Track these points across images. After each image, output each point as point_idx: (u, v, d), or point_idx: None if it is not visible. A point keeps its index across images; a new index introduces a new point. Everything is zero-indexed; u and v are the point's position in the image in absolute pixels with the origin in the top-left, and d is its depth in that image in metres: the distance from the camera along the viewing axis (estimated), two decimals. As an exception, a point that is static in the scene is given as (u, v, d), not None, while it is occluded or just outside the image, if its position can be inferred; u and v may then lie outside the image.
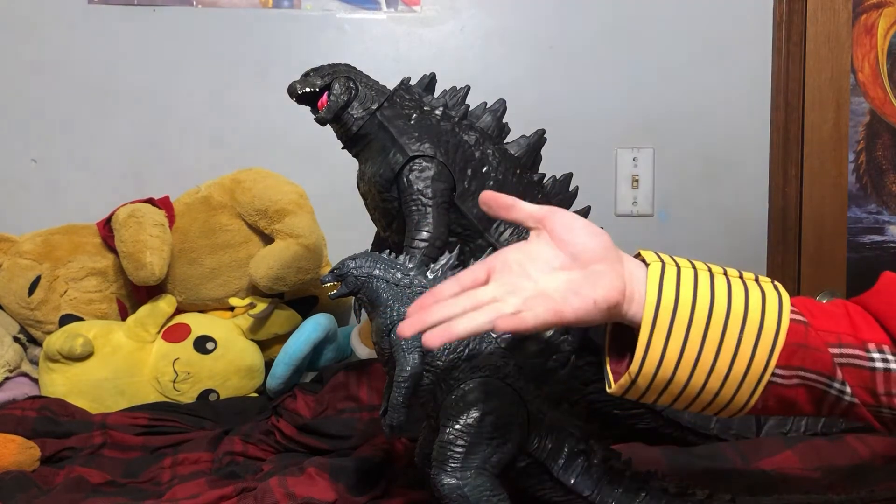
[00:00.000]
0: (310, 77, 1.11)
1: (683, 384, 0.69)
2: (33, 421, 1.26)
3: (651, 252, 0.73)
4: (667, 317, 0.68)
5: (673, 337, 0.68)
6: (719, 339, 0.68)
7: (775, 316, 0.68)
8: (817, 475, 0.96)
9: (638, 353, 0.68)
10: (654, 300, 0.68)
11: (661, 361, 0.68)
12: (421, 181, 1.05)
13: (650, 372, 0.68)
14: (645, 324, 0.68)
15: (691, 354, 0.68)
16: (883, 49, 1.88)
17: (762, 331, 0.68)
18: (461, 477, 0.79)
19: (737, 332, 0.68)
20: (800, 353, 0.68)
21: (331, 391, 1.28)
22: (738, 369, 0.68)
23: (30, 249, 1.52)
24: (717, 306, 0.68)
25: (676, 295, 0.68)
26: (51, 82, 1.72)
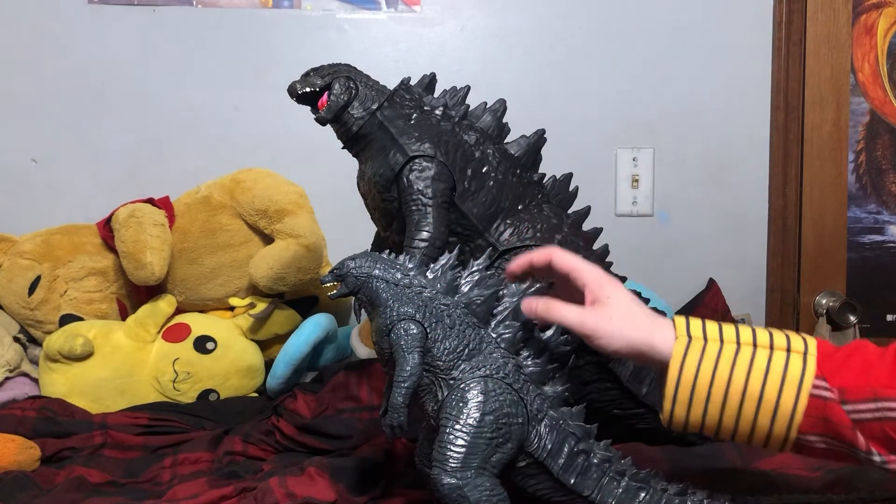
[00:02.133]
0: (310, 77, 1.11)
1: (717, 437, 0.77)
2: (33, 421, 1.26)
3: (682, 321, 0.79)
4: (685, 394, 0.76)
5: (693, 410, 0.76)
6: (736, 416, 0.75)
7: (793, 395, 0.73)
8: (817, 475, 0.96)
9: (664, 414, 0.78)
10: (675, 379, 0.76)
11: (686, 423, 0.77)
12: (421, 181, 1.05)
13: (679, 426, 0.78)
14: (666, 398, 0.77)
15: (712, 423, 0.76)
16: (883, 49, 1.88)
17: (777, 411, 0.73)
18: (461, 477, 0.79)
19: (752, 410, 0.74)
20: (821, 425, 0.73)
21: (331, 391, 1.28)
22: (760, 437, 0.75)
23: (30, 249, 1.52)
24: (733, 384, 0.74)
25: (696, 374, 0.75)
26: (51, 82, 1.72)
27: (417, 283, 0.86)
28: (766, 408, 0.73)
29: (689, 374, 0.75)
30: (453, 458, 0.80)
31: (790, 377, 0.73)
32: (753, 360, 0.74)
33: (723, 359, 0.75)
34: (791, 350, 0.75)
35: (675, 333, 0.77)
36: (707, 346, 0.76)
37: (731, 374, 0.74)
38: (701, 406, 0.75)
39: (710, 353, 0.75)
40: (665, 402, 0.76)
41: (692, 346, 0.76)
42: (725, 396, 0.74)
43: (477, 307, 0.86)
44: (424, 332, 0.83)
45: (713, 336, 0.77)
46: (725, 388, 0.74)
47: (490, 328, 0.86)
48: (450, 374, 0.84)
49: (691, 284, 1.83)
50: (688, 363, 0.75)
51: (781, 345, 0.75)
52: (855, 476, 0.93)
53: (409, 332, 0.83)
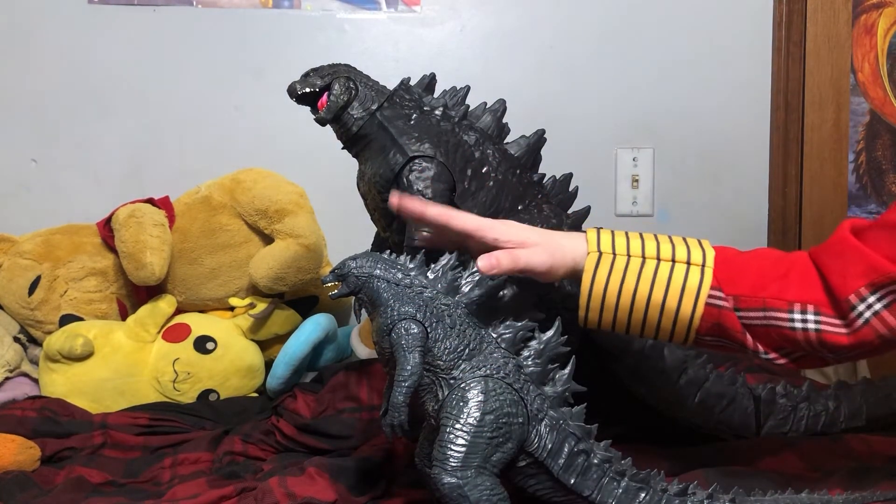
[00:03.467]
0: (310, 77, 1.11)
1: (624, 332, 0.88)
2: (33, 421, 1.26)
3: (594, 234, 0.88)
4: (597, 301, 0.86)
5: (604, 315, 0.86)
6: (642, 321, 0.86)
7: (691, 303, 0.84)
8: (817, 475, 0.96)
9: (580, 316, 0.88)
10: (587, 289, 0.86)
11: (599, 323, 0.87)
12: (421, 181, 1.05)
13: (593, 325, 0.89)
14: (581, 305, 0.87)
15: (621, 325, 0.87)
16: (883, 49, 1.88)
17: (678, 316, 0.84)
18: (461, 476, 0.79)
19: (656, 316, 0.85)
20: (715, 329, 0.84)
21: (331, 391, 1.28)
22: (664, 336, 0.87)
23: (30, 249, 1.52)
24: (638, 295, 0.84)
25: (605, 285, 0.85)
26: (51, 82, 1.72)
27: (418, 283, 0.86)
28: (668, 315, 0.84)
29: (599, 287, 0.85)
30: (454, 458, 0.80)
31: (688, 288, 0.84)
32: (656, 273, 0.84)
33: (629, 272, 0.85)
34: (690, 263, 0.85)
35: (587, 248, 0.87)
36: (615, 260, 0.85)
37: (636, 286, 0.84)
38: (611, 313, 0.86)
39: (617, 267, 0.85)
40: (580, 308, 0.87)
41: (602, 261, 0.86)
42: (632, 305, 0.85)
43: (477, 307, 0.86)
44: (425, 331, 0.83)
45: (621, 250, 0.86)
46: (631, 299, 0.84)
47: (490, 328, 0.86)
48: (450, 373, 0.84)
49: (691, 284, 1.83)
50: (598, 277, 0.85)
51: (682, 257, 0.85)
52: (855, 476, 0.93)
53: (409, 332, 0.83)
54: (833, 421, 1.16)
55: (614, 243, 0.87)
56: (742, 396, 1.16)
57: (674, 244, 0.87)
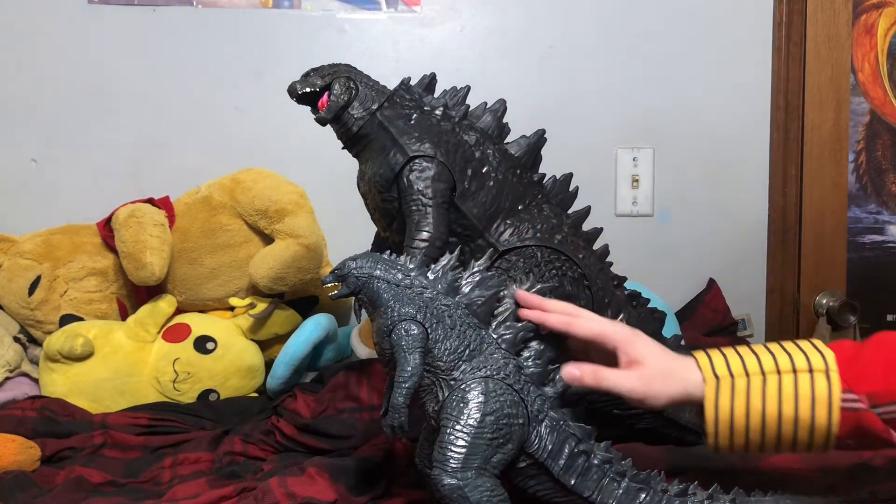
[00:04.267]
0: (310, 77, 1.11)
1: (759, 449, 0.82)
2: (33, 421, 1.26)
3: (705, 358, 0.83)
4: (725, 432, 0.81)
5: (735, 440, 0.81)
6: (776, 440, 0.80)
7: (825, 416, 0.78)
8: (817, 475, 0.96)
9: (710, 445, 0.82)
10: (713, 419, 0.81)
11: (731, 448, 0.81)
12: (421, 181, 1.05)
13: (725, 450, 0.82)
14: (709, 435, 0.81)
15: (755, 447, 0.81)
16: (883, 49, 1.88)
17: (814, 429, 0.79)
18: (462, 477, 0.79)
19: (790, 433, 0.79)
20: (855, 433, 0.79)
21: (331, 391, 1.28)
22: (801, 448, 0.81)
23: (30, 249, 1.52)
24: (768, 415, 0.79)
25: (731, 411, 0.80)
26: (51, 82, 1.72)
27: (418, 284, 0.86)
28: (803, 428, 0.79)
29: (725, 414, 0.80)
30: (454, 459, 0.80)
31: (819, 398, 0.78)
32: (781, 389, 0.79)
33: (752, 393, 0.80)
34: (813, 370, 0.79)
35: (703, 375, 0.81)
36: (735, 382, 0.80)
37: (763, 405, 0.79)
38: (741, 437, 0.80)
39: (739, 390, 0.80)
40: (708, 437, 0.82)
41: (721, 387, 0.81)
42: (763, 425, 0.80)
43: (478, 308, 0.86)
44: (425, 332, 0.83)
45: (738, 371, 0.81)
46: (761, 419, 0.79)
47: (491, 329, 0.86)
48: (450, 374, 0.84)
49: (691, 284, 1.83)
50: (721, 404, 0.80)
51: (803, 366, 0.80)
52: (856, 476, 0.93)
53: (409, 333, 0.83)
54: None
55: (728, 364, 0.82)
56: None
57: (789, 353, 0.82)
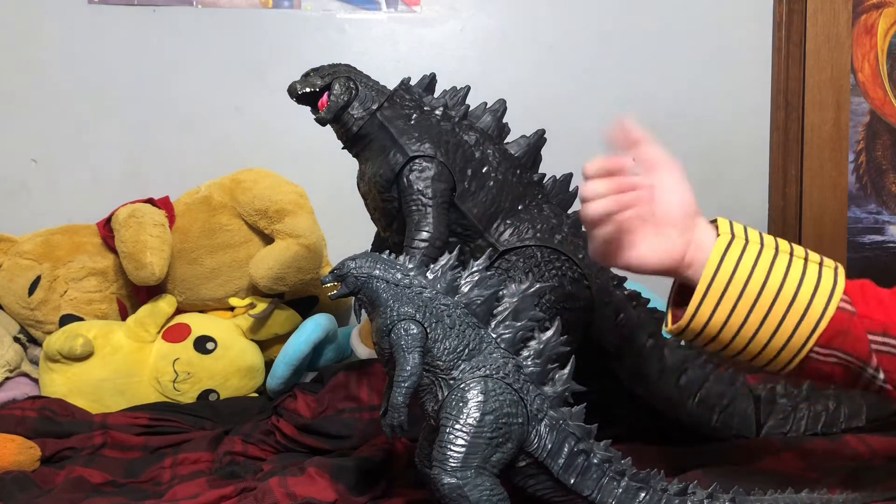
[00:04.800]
0: (310, 77, 1.11)
1: (726, 343, 0.78)
2: (33, 421, 1.26)
3: (726, 221, 0.80)
4: (719, 288, 0.76)
5: (721, 306, 0.76)
6: (764, 315, 0.76)
7: (823, 302, 0.76)
8: (817, 475, 0.96)
9: (688, 312, 0.77)
10: (712, 272, 0.76)
11: (707, 322, 0.77)
12: (421, 181, 1.05)
13: (697, 328, 0.78)
14: (698, 291, 0.77)
15: (735, 322, 0.76)
16: (883, 49, 1.88)
17: (806, 315, 0.75)
18: (461, 476, 0.79)
19: (782, 311, 0.76)
20: (839, 338, 0.76)
21: (331, 391, 1.28)
22: (777, 343, 0.77)
23: (30, 249, 1.52)
24: (769, 284, 0.76)
25: (734, 269, 0.76)
26: (51, 82, 1.72)
27: (417, 284, 0.86)
28: (796, 311, 0.75)
29: (727, 270, 0.76)
30: (453, 458, 0.80)
31: (823, 286, 0.76)
32: (790, 266, 0.77)
33: (762, 260, 0.77)
34: (824, 264, 0.78)
35: (718, 231, 0.79)
36: (748, 246, 0.77)
37: (768, 275, 0.76)
38: (729, 304, 0.76)
39: (750, 253, 0.77)
40: (694, 297, 0.77)
41: (734, 244, 0.77)
42: (758, 295, 0.76)
43: (477, 307, 0.86)
44: (424, 332, 0.83)
45: (754, 239, 0.78)
46: (760, 287, 0.76)
47: (490, 328, 0.86)
48: (450, 374, 0.84)
49: (691, 284, 1.83)
50: (727, 259, 0.77)
51: (816, 259, 0.78)
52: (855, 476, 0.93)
53: (409, 332, 0.83)
54: (833, 421, 1.16)
55: (747, 231, 0.80)
56: (742, 396, 1.16)
57: (807, 249, 0.80)
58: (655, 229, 0.79)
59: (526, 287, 0.88)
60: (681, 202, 0.80)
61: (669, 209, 0.79)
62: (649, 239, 0.79)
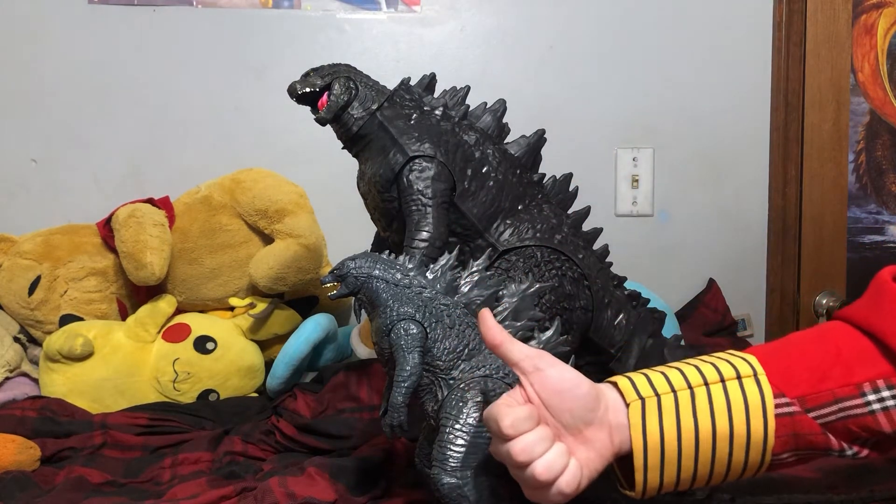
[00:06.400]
0: (310, 77, 1.11)
1: (689, 487, 0.74)
2: (33, 421, 1.26)
3: (626, 382, 0.73)
4: (655, 458, 0.71)
5: (666, 471, 0.72)
6: (710, 461, 0.72)
7: (761, 424, 0.72)
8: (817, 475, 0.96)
9: (637, 488, 0.72)
10: (641, 448, 0.71)
11: (660, 487, 0.73)
12: (421, 181, 1.05)
13: (653, 493, 0.73)
14: (637, 469, 0.72)
15: (687, 477, 0.72)
16: (883, 49, 1.88)
17: (750, 443, 0.72)
18: (461, 476, 0.79)
19: (726, 451, 0.72)
20: (792, 440, 0.72)
21: (331, 391, 1.28)
22: (734, 473, 0.73)
23: (30, 249, 1.52)
24: (702, 433, 0.71)
25: (661, 434, 0.71)
26: (51, 82, 1.72)
27: (417, 284, 0.86)
28: (739, 444, 0.72)
29: (655, 439, 0.71)
30: (453, 458, 0.80)
31: (752, 405, 0.72)
32: (712, 400, 0.72)
33: (682, 410, 0.72)
34: (741, 376, 0.73)
35: (625, 399, 0.72)
36: (662, 401, 0.72)
37: (695, 422, 0.72)
38: (673, 466, 0.72)
39: (667, 408, 0.72)
40: (636, 474, 0.72)
41: (648, 408, 0.72)
42: (696, 448, 0.72)
43: (477, 307, 0.86)
44: (424, 332, 0.83)
45: (663, 388, 0.73)
46: (694, 439, 0.72)
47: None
48: (450, 373, 0.84)
49: (691, 284, 1.83)
50: (649, 429, 0.72)
51: (730, 374, 0.73)
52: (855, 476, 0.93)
53: (408, 332, 0.83)
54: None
55: (652, 382, 0.74)
56: None
57: (713, 363, 0.75)
58: (578, 442, 0.71)
59: (526, 287, 0.88)
60: (577, 398, 0.71)
61: (573, 411, 0.71)
62: (579, 456, 0.71)
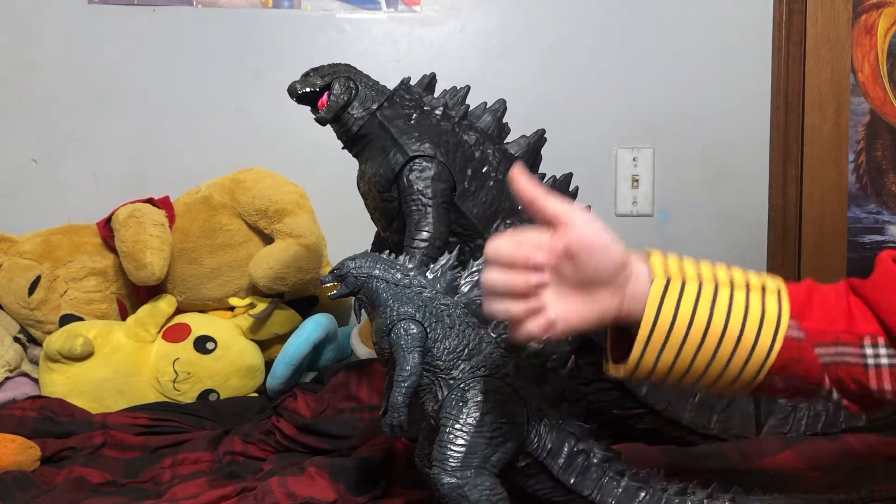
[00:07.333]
0: (310, 77, 1.11)
1: (676, 382, 0.74)
2: (33, 421, 1.26)
3: (659, 259, 0.74)
4: (661, 336, 0.71)
5: (664, 353, 0.72)
6: (710, 358, 0.72)
7: (770, 335, 0.71)
8: (817, 475, 0.96)
9: (631, 361, 0.72)
10: (650, 322, 0.71)
11: (653, 369, 0.72)
12: (421, 181, 1.05)
13: (642, 375, 0.74)
14: (638, 342, 0.71)
15: (682, 367, 0.72)
16: (883, 49, 1.88)
17: (754, 351, 0.71)
18: (461, 476, 0.79)
19: (729, 351, 0.72)
20: (791, 366, 0.72)
21: (331, 391, 1.28)
22: (727, 379, 0.73)
23: (30, 249, 1.52)
24: (713, 326, 0.71)
25: (674, 316, 0.71)
26: (51, 82, 1.72)
27: (417, 284, 0.86)
28: (743, 349, 0.72)
29: (667, 316, 0.71)
30: (453, 458, 0.80)
31: (768, 318, 0.72)
32: (732, 301, 0.72)
33: (702, 299, 0.72)
34: (766, 290, 0.73)
35: (651, 272, 0.72)
36: (686, 285, 0.72)
37: (710, 315, 0.71)
38: (673, 351, 0.72)
39: (689, 293, 0.72)
40: (634, 349, 0.72)
41: (671, 287, 0.72)
42: (702, 339, 0.72)
43: (477, 307, 0.86)
44: (424, 331, 0.83)
45: (691, 274, 0.73)
46: (704, 330, 0.71)
47: (490, 328, 0.86)
48: (450, 373, 0.84)
49: (691, 284, 1.83)
50: (666, 305, 0.71)
51: (756, 284, 0.74)
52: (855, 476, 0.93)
53: (409, 332, 0.83)
54: (833, 421, 1.16)
55: (682, 268, 0.74)
56: (742, 396, 1.16)
57: (746, 271, 0.75)
58: (584, 294, 0.71)
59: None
60: (605, 258, 0.70)
61: (597, 269, 0.70)
62: (577, 306, 0.71)
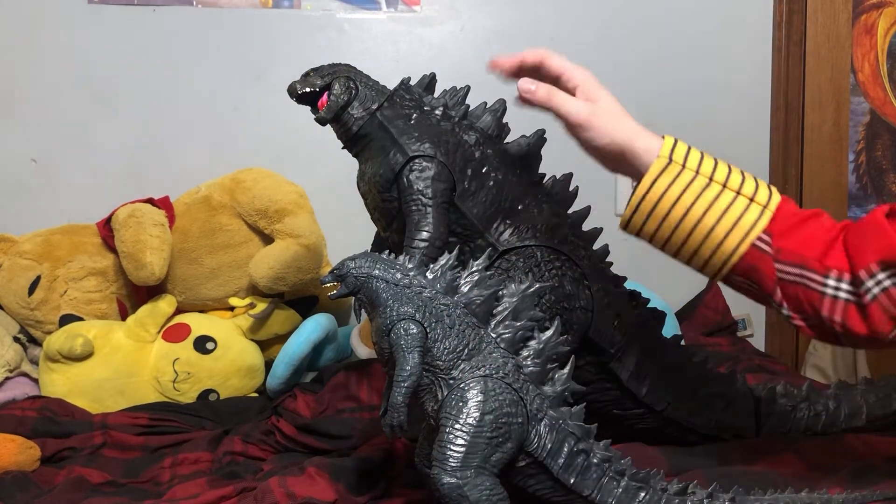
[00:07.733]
0: (310, 77, 1.11)
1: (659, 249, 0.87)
2: (33, 421, 1.26)
3: (670, 142, 0.87)
4: (647, 207, 0.84)
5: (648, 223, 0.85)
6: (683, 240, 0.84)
7: (738, 239, 0.82)
8: (817, 475, 0.96)
9: (623, 216, 0.86)
10: (642, 192, 0.84)
11: (639, 231, 0.86)
12: (421, 181, 1.05)
13: (633, 232, 0.87)
14: (630, 204, 0.85)
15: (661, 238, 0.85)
16: (883, 49, 1.88)
17: (719, 248, 0.83)
18: (461, 476, 0.79)
19: (699, 240, 0.84)
20: (751, 272, 0.83)
21: (331, 391, 1.28)
22: (696, 264, 0.86)
23: (30, 249, 1.52)
24: (691, 213, 0.83)
25: (663, 193, 0.84)
26: (51, 82, 1.72)
27: (417, 284, 0.86)
28: (710, 243, 0.83)
29: (656, 194, 0.84)
30: (453, 458, 0.80)
31: (742, 224, 0.82)
32: (716, 200, 0.83)
33: (690, 190, 0.83)
34: (754, 200, 0.83)
35: (660, 150, 0.85)
36: (682, 173, 0.84)
37: (691, 205, 0.83)
38: (655, 223, 0.84)
39: (681, 181, 0.84)
40: (627, 207, 0.85)
41: (668, 170, 0.84)
42: (679, 223, 0.84)
43: (476, 307, 0.86)
44: (424, 331, 0.83)
45: (691, 165, 0.85)
46: (682, 216, 0.83)
47: (490, 328, 0.86)
48: (449, 373, 0.84)
49: (691, 284, 1.83)
50: (658, 183, 0.84)
51: (748, 192, 0.84)
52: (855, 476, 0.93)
53: (408, 332, 0.83)
54: (833, 421, 1.16)
55: (688, 157, 0.86)
56: (742, 397, 1.16)
57: (745, 178, 0.85)
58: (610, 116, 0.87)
59: (526, 287, 0.88)
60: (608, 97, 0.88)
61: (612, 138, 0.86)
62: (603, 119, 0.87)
